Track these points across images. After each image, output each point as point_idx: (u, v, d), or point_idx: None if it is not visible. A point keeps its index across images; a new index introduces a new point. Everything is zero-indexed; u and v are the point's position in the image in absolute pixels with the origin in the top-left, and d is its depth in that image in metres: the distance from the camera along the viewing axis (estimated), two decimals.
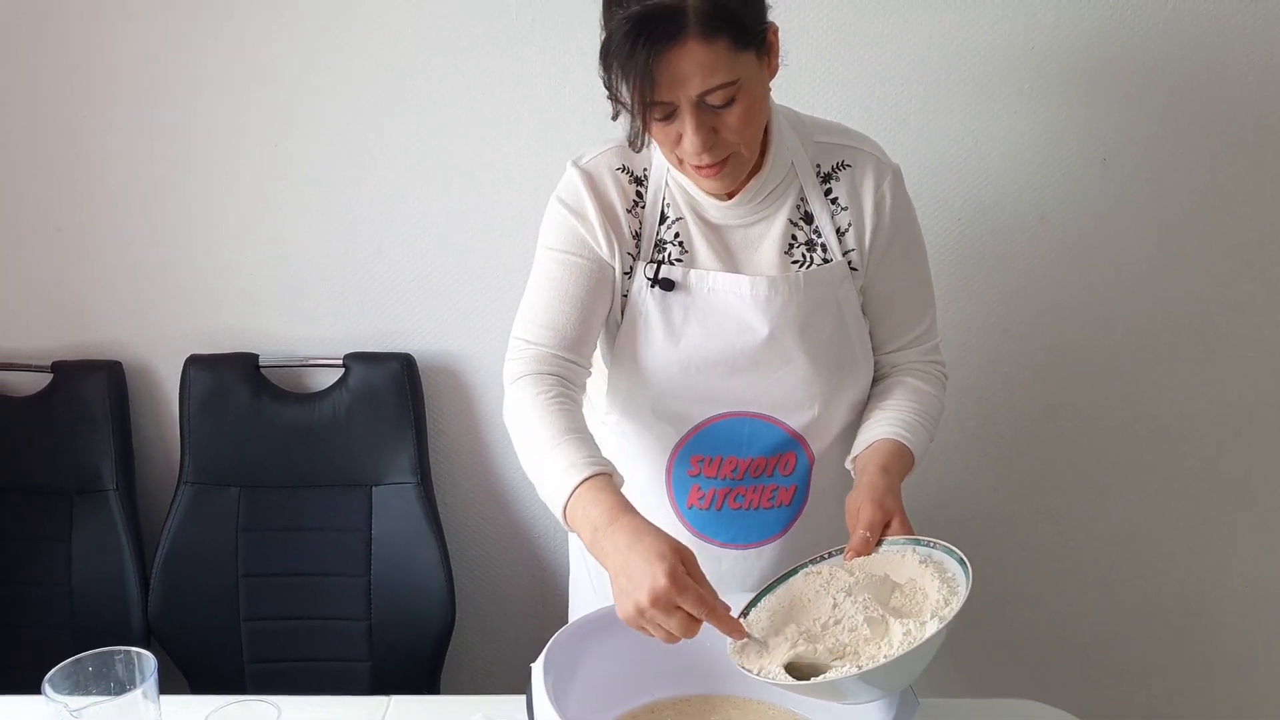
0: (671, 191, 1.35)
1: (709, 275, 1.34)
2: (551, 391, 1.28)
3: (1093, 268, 1.90)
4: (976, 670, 2.16)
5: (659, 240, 1.35)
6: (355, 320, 1.98)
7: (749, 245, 1.35)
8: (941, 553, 1.16)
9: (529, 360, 1.33)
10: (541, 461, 1.22)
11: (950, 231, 1.88)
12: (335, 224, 1.93)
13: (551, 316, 1.34)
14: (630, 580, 1.09)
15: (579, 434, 1.24)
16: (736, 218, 1.34)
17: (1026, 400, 1.98)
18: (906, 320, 1.43)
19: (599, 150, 1.38)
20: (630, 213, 1.35)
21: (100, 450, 1.96)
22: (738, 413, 1.37)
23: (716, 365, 1.35)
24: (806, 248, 1.35)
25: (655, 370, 1.36)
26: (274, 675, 1.98)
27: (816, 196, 1.35)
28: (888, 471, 1.28)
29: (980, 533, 2.05)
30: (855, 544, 1.21)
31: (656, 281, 1.33)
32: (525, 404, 1.28)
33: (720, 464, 1.39)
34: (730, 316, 1.34)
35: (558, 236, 1.36)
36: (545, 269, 1.36)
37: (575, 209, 1.35)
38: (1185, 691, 2.14)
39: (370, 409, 1.94)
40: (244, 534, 1.95)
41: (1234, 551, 2.05)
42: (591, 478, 1.18)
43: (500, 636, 2.13)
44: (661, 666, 1.27)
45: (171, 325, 1.99)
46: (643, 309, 1.35)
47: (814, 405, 1.37)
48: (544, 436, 1.23)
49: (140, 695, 1.16)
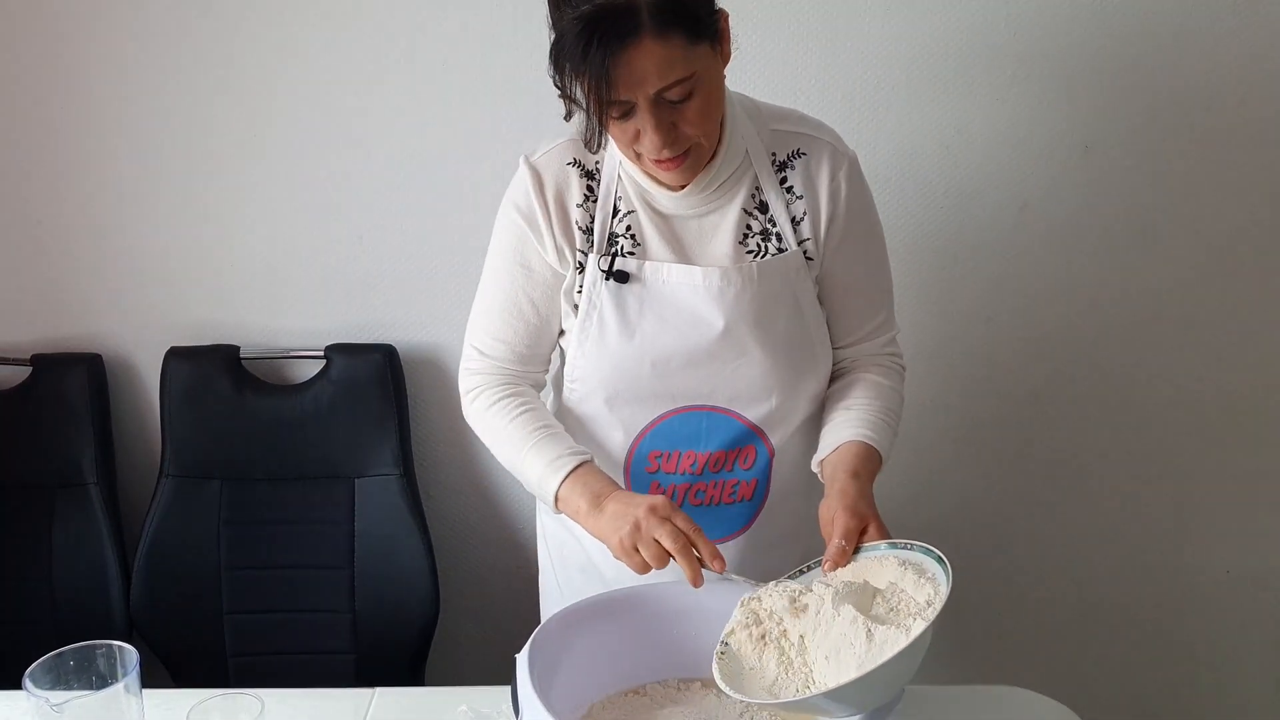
0: (624, 184, 1.34)
1: (662, 267, 1.32)
2: (508, 395, 1.37)
3: (1075, 256, 1.90)
4: (963, 659, 2.16)
5: (611, 233, 1.34)
6: (337, 311, 1.97)
7: (702, 236, 1.34)
8: (919, 553, 1.15)
9: (483, 374, 1.40)
10: (521, 462, 1.32)
11: (932, 219, 1.88)
12: (316, 214, 1.92)
13: (504, 332, 1.39)
14: (628, 507, 1.20)
15: (550, 429, 1.33)
16: (689, 208, 1.33)
17: (1009, 388, 1.98)
18: (864, 311, 1.42)
19: (552, 144, 1.36)
20: (581, 207, 1.34)
21: (80, 444, 1.95)
22: (695, 406, 1.36)
23: (672, 359, 1.34)
24: (761, 237, 1.34)
25: (610, 365, 1.35)
26: (258, 668, 1.97)
27: (771, 185, 1.34)
28: (858, 477, 1.27)
29: (964, 522, 2.05)
30: (832, 554, 1.20)
31: (611, 274, 1.32)
32: (488, 412, 1.37)
33: (679, 459, 1.38)
34: (685, 309, 1.32)
35: (510, 243, 1.37)
36: (498, 279, 1.39)
37: (526, 215, 1.35)
38: (1170, 677, 2.15)
39: (352, 401, 1.94)
40: (226, 527, 1.95)
41: (1218, 537, 2.06)
42: (578, 468, 1.26)
43: (485, 628, 2.13)
44: (645, 655, 1.28)
45: (152, 317, 1.99)
46: (597, 302, 1.34)
47: (772, 397, 1.36)
48: (520, 439, 1.32)
49: (122, 689, 1.15)
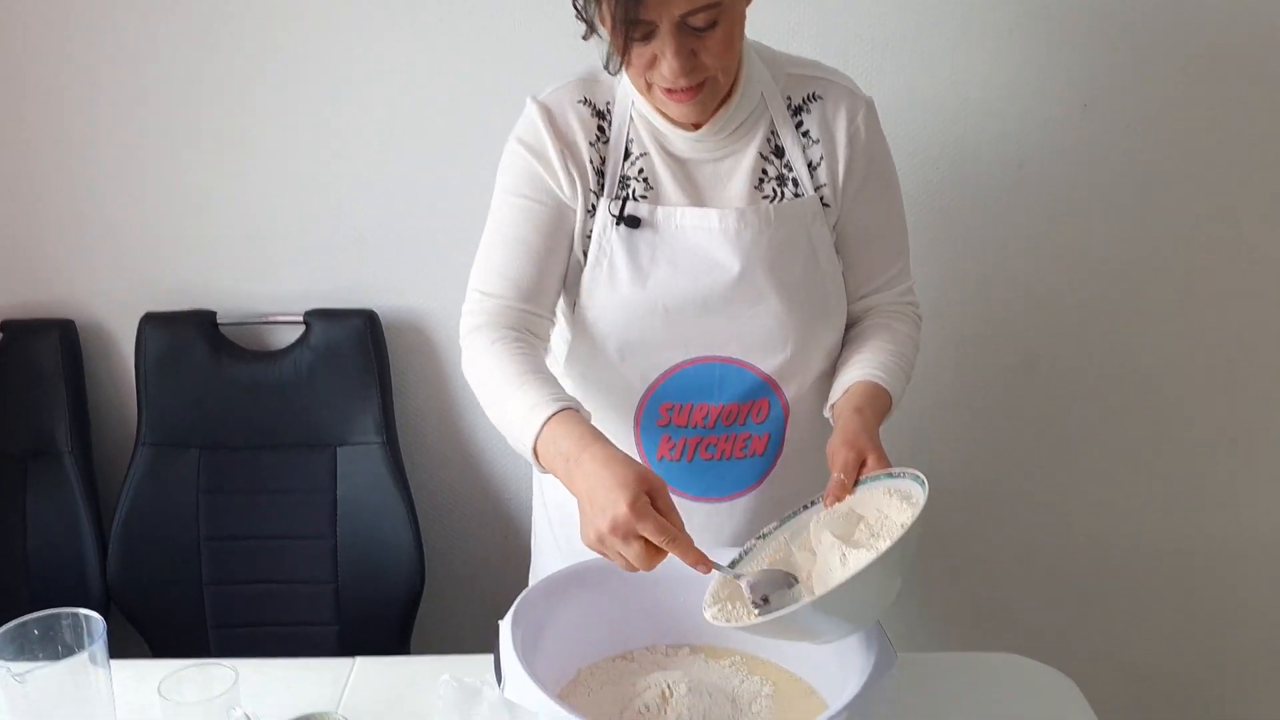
0: (636, 125, 1.31)
1: (676, 211, 1.29)
2: (509, 338, 1.26)
3: (1073, 215, 1.88)
4: (957, 627, 2.16)
5: (623, 176, 1.31)
6: (316, 275, 1.94)
7: (717, 180, 1.31)
8: (909, 480, 1.13)
9: (486, 313, 1.30)
10: (505, 404, 1.20)
11: (927, 178, 1.85)
12: (295, 175, 1.89)
13: (508, 266, 1.30)
14: (594, 506, 1.08)
15: (541, 374, 1.23)
16: (704, 151, 1.30)
17: (1005, 350, 1.97)
18: (881, 260, 1.39)
19: (560, 83, 1.33)
20: (593, 146, 1.30)
21: (54, 412, 1.91)
22: (708, 357, 1.33)
23: (686, 306, 1.30)
24: (777, 182, 1.31)
25: (622, 313, 1.32)
26: (240, 640, 1.95)
27: (787, 129, 1.31)
28: (861, 412, 1.25)
29: (958, 486, 2.03)
30: (831, 489, 1.18)
31: (622, 219, 1.29)
32: (482, 352, 1.26)
33: (691, 411, 1.35)
34: (699, 254, 1.29)
35: (515, 179, 1.31)
36: (502, 215, 1.32)
37: (534, 148, 1.30)
38: (1167, 643, 2.15)
39: (333, 367, 1.91)
40: (205, 496, 1.92)
41: (1217, 502, 2.05)
42: (559, 413, 1.16)
43: (472, 596, 2.11)
44: (632, 621, 1.26)
45: (126, 282, 1.95)
46: (607, 249, 1.30)
47: (787, 347, 1.33)
48: (505, 380, 1.21)
49: (87, 659, 1.11)
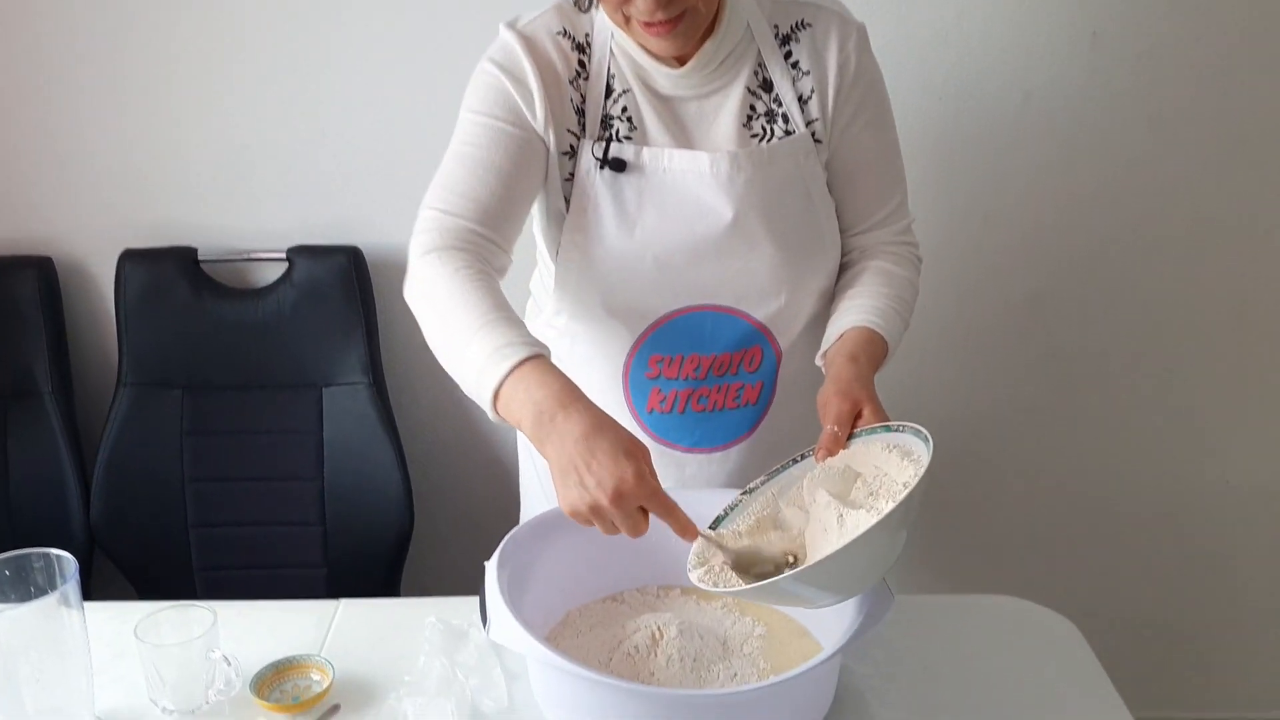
0: (617, 61, 1.25)
1: (663, 153, 1.24)
2: (474, 268, 1.13)
3: (1079, 149, 1.84)
4: (956, 569, 2.15)
5: (605, 116, 1.25)
6: (299, 211, 1.90)
7: (704, 119, 1.26)
8: (909, 435, 1.08)
9: (444, 233, 1.17)
10: (466, 343, 1.07)
11: (927, 110, 1.81)
12: (277, 107, 1.84)
13: (471, 186, 1.19)
14: (591, 474, 0.98)
15: (508, 314, 1.11)
16: (690, 88, 1.25)
17: (1007, 290, 1.94)
18: (875, 196, 1.34)
19: (536, 13, 1.26)
20: (573, 84, 1.24)
21: (33, 351, 1.88)
22: (699, 306, 1.28)
23: (676, 254, 1.25)
24: (766, 119, 1.26)
25: (608, 262, 1.26)
26: (226, 583, 1.93)
27: (775, 61, 1.26)
28: (855, 360, 1.19)
29: (958, 428, 2.01)
30: (824, 442, 1.13)
31: (606, 162, 1.23)
32: (438, 281, 1.12)
33: (681, 363, 1.31)
34: (690, 199, 1.24)
35: (485, 99, 1.23)
36: (468, 134, 1.23)
37: (510, 71, 1.22)
38: (1166, 587, 2.14)
39: (317, 305, 1.87)
40: (189, 437, 1.89)
41: (1221, 447, 2.04)
42: (531, 359, 1.05)
43: (462, 539, 2.09)
44: (622, 563, 1.24)
45: (104, 218, 1.91)
46: (591, 194, 1.25)
47: (780, 294, 1.29)
48: (467, 316, 1.08)
49: (57, 600, 1.08)
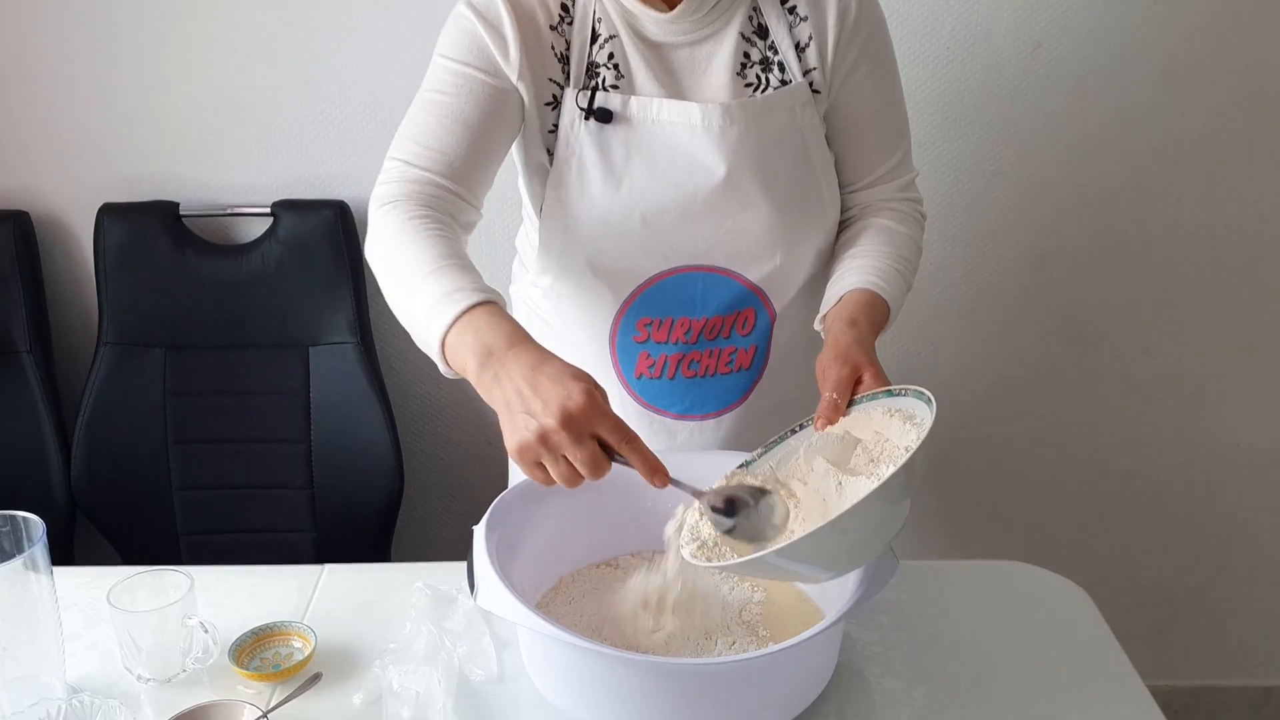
0: (603, 4, 1.18)
1: (652, 103, 1.18)
2: (430, 218, 1.07)
3: (1091, 101, 1.80)
4: (964, 534, 2.13)
5: (590, 63, 1.19)
6: (283, 164, 1.85)
7: (695, 67, 1.20)
8: (912, 398, 1.03)
9: (404, 183, 1.11)
10: (414, 291, 1.00)
11: (936, 61, 1.77)
12: (259, 56, 1.79)
13: (438, 137, 1.13)
14: (535, 399, 0.90)
15: (461, 260, 1.03)
16: (680, 33, 1.19)
17: (1016, 248, 1.91)
18: (877, 150, 1.28)
19: None
20: (555, 30, 1.18)
21: (10, 309, 1.83)
22: (690, 266, 1.23)
23: (665, 212, 1.20)
24: (761, 67, 1.20)
25: (594, 220, 1.20)
26: (211, 547, 1.90)
27: (772, 6, 1.20)
28: (855, 324, 1.14)
29: (965, 392, 1.98)
30: (823, 409, 1.07)
31: (591, 112, 1.17)
32: (393, 230, 1.06)
33: (671, 326, 1.25)
34: (679, 154, 1.18)
35: (457, 44, 1.17)
36: (438, 80, 1.16)
37: (487, 16, 1.16)
38: (1177, 551, 2.13)
39: (302, 262, 1.83)
40: (172, 398, 1.84)
41: (1233, 409, 2.02)
42: (482, 304, 0.98)
43: (453, 503, 2.06)
44: (617, 527, 1.20)
45: (83, 171, 1.86)
46: (576, 147, 1.19)
47: (775, 254, 1.23)
48: (417, 264, 1.02)
49: (22, 564, 1.03)
